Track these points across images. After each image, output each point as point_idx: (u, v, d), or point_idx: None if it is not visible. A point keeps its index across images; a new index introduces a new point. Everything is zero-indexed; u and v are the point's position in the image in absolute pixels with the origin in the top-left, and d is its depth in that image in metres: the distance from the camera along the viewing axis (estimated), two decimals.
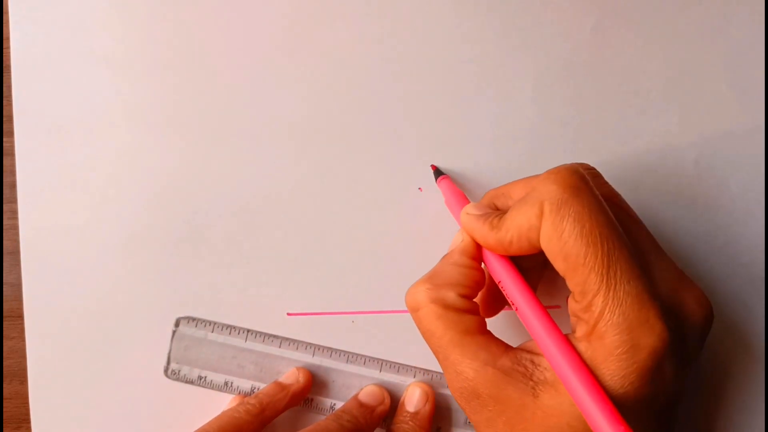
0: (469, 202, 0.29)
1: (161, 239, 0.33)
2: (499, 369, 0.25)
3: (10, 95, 0.33)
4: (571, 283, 0.24)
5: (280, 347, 0.33)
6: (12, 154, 0.33)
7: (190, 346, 0.33)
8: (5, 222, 0.34)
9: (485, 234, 0.27)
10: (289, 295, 0.33)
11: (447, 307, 0.26)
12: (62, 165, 0.33)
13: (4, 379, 0.34)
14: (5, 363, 0.34)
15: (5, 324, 0.34)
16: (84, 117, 0.33)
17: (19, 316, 0.33)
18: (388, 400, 0.32)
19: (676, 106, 0.33)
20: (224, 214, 0.33)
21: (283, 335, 0.33)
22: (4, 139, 0.34)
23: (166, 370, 0.33)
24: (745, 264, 0.34)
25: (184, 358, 0.33)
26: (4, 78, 0.33)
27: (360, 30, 0.33)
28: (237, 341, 0.33)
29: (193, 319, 0.33)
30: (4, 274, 0.34)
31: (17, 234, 0.33)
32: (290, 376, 0.32)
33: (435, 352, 0.27)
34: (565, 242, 0.24)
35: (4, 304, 0.34)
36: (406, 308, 0.33)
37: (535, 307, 0.25)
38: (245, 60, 0.33)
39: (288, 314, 0.33)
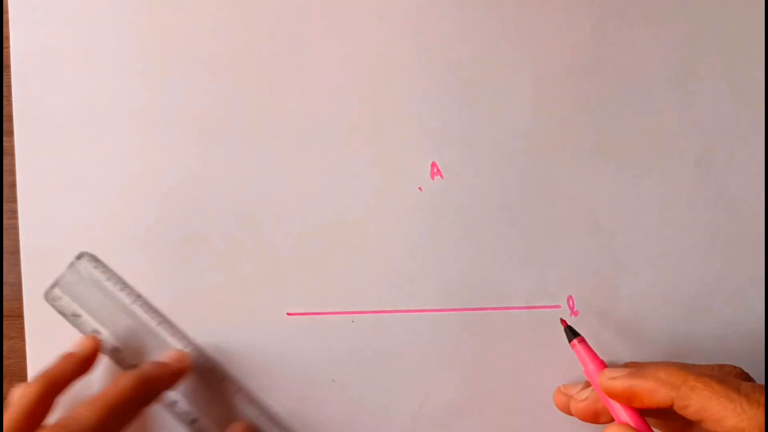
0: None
1: (161, 239, 0.33)
2: None
3: (10, 95, 0.33)
4: None
5: (157, 326, 0.33)
6: (12, 154, 0.33)
7: (80, 282, 0.33)
8: (5, 222, 0.34)
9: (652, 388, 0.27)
10: (289, 294, 0.33)
11: None
12: (62, 165, 0.33)
13: (3, 378, 0.34)
14: (5, 363, 0.34)
15: (5, 324, 0.34)
16: (84, 117, 0.33)
17: (19, 316, 0.33)
18: (186, 361, 0.32)
19: (676, 106, 0.33)
20: (224, 213, 0.33)
21: (283, 336, 0.33)
22: (4, 139, 0.34)
23: (47, 293, 0.33)
24: (746, 263, 0.34)
25: (70, 290, 0.33)
26: (4, 78, 0.33)
27: (360, 30, 0.33)
28: (124, 299, 0.33)
29: (97, 260, 0.33)
30: (4, 274, 0.34)
31: (17, 234, 0.33)
32: (79, 345, 0.32)
33: None
34: None
35: (4, 304, 0.34)
36: (405, 308, 0.33)
37: None
38: (245, 60, 0.33)
39: (288, 314, 0.33)
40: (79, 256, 0.33)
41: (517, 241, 0.33)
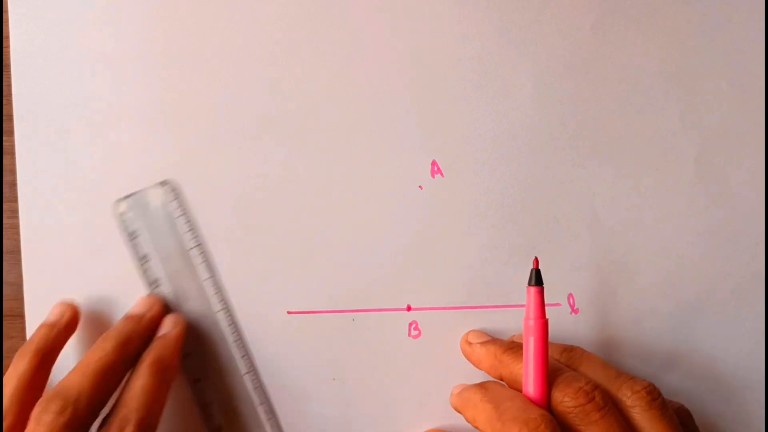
0: None
1: None
2: None
3: (10, 94, 0.33)
4: None
5: (204, 280, 0.33)
6: (12, 154, 0.33)
7: (150, 207, 0.32)
8: (5, 221, 0.34)
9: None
10: (290, 292, 0.33)
11: None
12: (62, 165, 0.33)
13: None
14: (5, 363, 0.34)
15: (5, 323, 0.34)
16: (84, 116, 0.33)
17: (19, 316, 0.33)
18: (157, 307, 0.32)
19: (676, 104, 0.33)
20: (224, 212, 0.33)
21: (284, 334, 0.33)
22: (4, 139, 0.34)
23: (116, 203, 0.32)
24: (746, 261, 0.34)
25: (139, 210, 0.33)
26: (4, 77, 0.33)
27: (360, 28, 0.33)
28: (186, 241, 0.33)
29: (178, 194, 0.33)
30: (4, 274, 0.34)
31: (17, 233, 0.33)
32: (54, 313, 0.32)
33: None
34: None
35: (4, 303, 0.34)
36: (406, 307, 0.33)
37: None
38: (246, 58, 0.33)
39: (288, 312, 0.33)
40: (163, 183, 0.33)
41: (518, 239, 0.33)
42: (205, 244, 0.33)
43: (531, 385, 0.28)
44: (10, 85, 0.33)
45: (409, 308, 0.33)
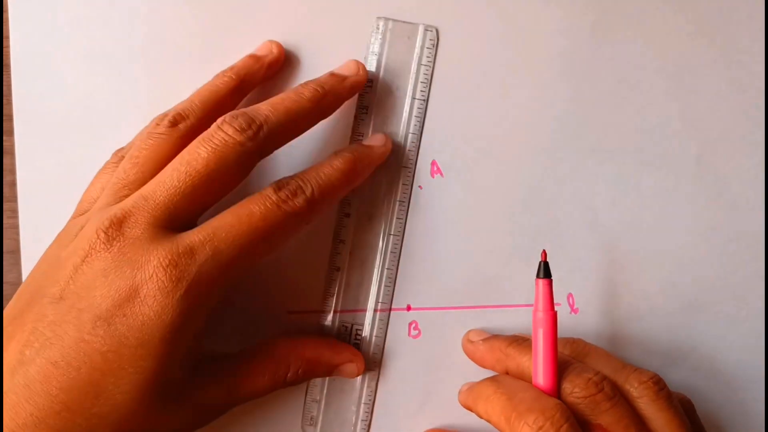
0: None
1: None
2: None
3: (10, 94, 0.33)
4: None
5: (409, 130, 0.33)
6: (12, 153, 0.33)
7: (407, 42, 0.32)
8: (5, 221, 0.34)
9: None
10: (290, 292, 0.33)
11: None
12: (62, 164, 0.33)
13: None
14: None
15: None
16: (84, 116, 0.33)
17: None
18: (363, 72, 0.31)
19: (676, 104, 0.33)
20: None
21: (284, 334, 0.33)
22: (4, 139, 0.34)
23: (378, 17, 0.32)
24: (746, 261, 0.34)
25: (393, 36, 0.32)
26: (4, 77, 0.33)
27: (360, 28, 0.33)
28: (420, 81, 0.33)
29: (436, 45, 0.32)
30: (4, 274, 0.34)
31: (17, 233, 0.33)
32: (263, 47, 0.32)
33: None
34: None
35: (4, 303, 0.34)
36: (405, 307, 0.33)
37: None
38: None
39: (289, 312, 0.33)
40: (430, 27, 0.32)
41: (517, 239, 0.33)
42: (428, 102, 0.32)
43: (541, 377, 0.28)
44: (10, 85, 0.33)
45: (409, 308, 0.33)
